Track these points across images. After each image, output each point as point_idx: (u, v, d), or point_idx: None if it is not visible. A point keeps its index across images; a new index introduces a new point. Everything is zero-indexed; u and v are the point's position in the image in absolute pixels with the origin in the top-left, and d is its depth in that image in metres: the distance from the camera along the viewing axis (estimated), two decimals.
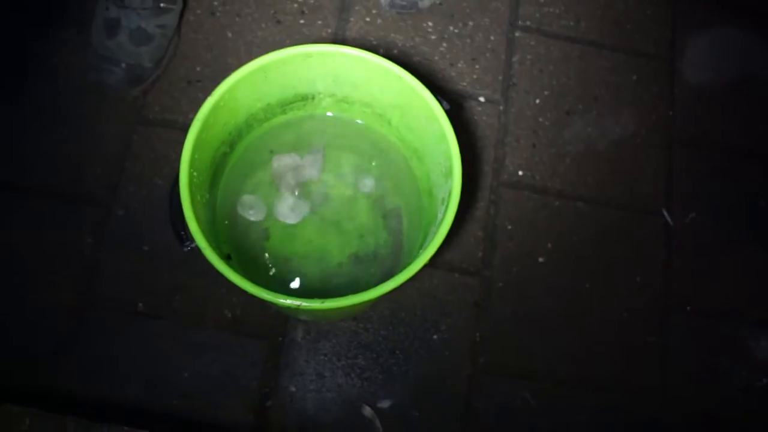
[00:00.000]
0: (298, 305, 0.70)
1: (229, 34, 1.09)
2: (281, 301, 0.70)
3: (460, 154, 0.76)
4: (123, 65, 1.00)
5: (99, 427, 0.73)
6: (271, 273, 0.90)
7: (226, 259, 0.79)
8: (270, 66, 0.80)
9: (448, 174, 0.78)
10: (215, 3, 1.10)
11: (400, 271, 0.73)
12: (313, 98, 0.90)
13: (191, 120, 0.75)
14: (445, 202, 0.77)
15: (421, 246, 0.81)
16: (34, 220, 0.98)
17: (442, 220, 0.75)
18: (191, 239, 0.74)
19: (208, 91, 0.76)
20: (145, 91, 1.04)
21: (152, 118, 1.04)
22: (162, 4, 1.00)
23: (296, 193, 0.93)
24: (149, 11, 0.99)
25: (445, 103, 0.80)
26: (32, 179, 1.00)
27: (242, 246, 0.90)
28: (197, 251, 0.73)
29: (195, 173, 0.77)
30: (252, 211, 0.91)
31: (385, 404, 0.96)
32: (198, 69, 1.07)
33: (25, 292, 0.96)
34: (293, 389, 0.96)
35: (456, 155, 0.76)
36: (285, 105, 0.89)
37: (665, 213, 1.08)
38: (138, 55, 1.00)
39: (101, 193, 1.00)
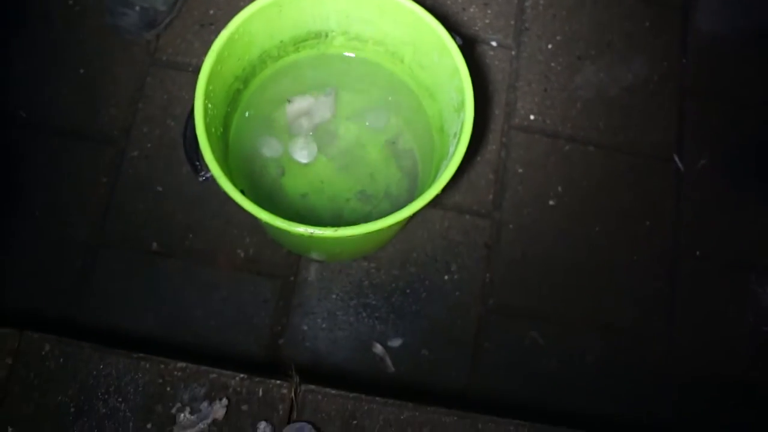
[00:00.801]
0: (311, 233, 0.71)
1: None
2: (295, 229, 0.71)
3: (472, 87, 0.77)
4: (137, 8, 1.00)
5: (115, 353, 0.75)
6: (285, 209, 0.91)
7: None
8: (284, 1, 0.80)
9: (460, 108, 0.78)
10: None
11: None
12: (326, 36, 0.90)
13: (204, 60, 0.75)
14: (458, 135, 0.77)
15: (434, 180, 0.82)
16: (53, 158, 1.00)
17: (455, 152, 0.75)
18: (206, 169, 0.75)
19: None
20: (158, 35, 1.05)
21: (165, 60, 1.05)
22: None
23: (309, 134, 0.94)
24: None
25: (457, 38, 0.80)
26: (51, 119, 1.02)
27: (257, 182, 0.91)
28: (212, 182, 0.74)
29: (209, 105, 0.77)
30: (268, 148, 0.92)
31: (395, 343, 0.98)
32: (211, 12, 1.07)
33: (45, 226, 0.98)
34: (305, 327, 0.97)
35: (468, 88, 0.77)
36: (298, 42, 0.89)
37: (676, 158, 1.08)
38: None
39: (116, 134, 1.01)
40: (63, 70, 1.03)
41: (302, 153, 0.93)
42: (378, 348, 0.97)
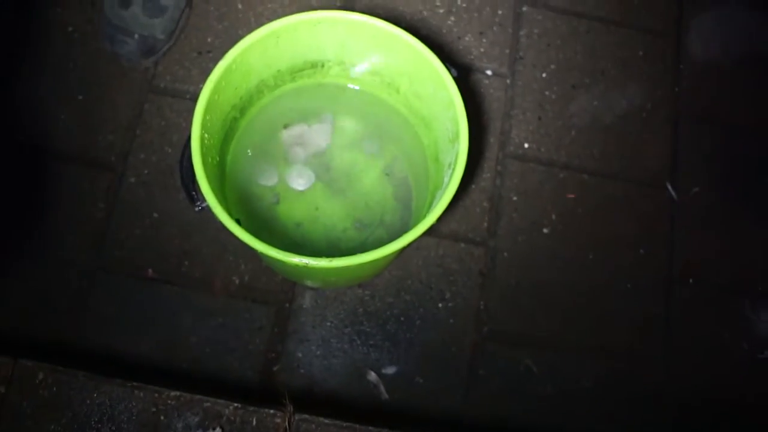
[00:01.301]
0: (306, 263, 0.71)
1: (240, 6, 1.10)
2: (290, 259, 0.71)
3: (467, 119, 0.77)
4: (136, 36, 1.01)
5: (109, 382, 0.75)
6: (280, 237, 0.92)
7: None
8: (281, 31, 0.81)
9: (455, 138, 0.79)
10: None
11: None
12: (322, 66, 0.91)
13: (202, 89, 0.76)
14: (452, 165, 0.78)
15: (429, 209, 0.83)
16: (51, 183, 1.00)
17: (449, 182, 0.76)
18: (202, 199, 0.75)
19: (218, 62, 0.77)
20: (156, 62, 1.06)
21: (163, 88, 1.05)
22: None
23: (305, 162, 0.94)
24: None
25: (453, 69, 0.81)
26: (50, 144, 1.02)
27: (253, 210, 0.92)
28: (208, 211, 0.74)
29: (206, 135, 0.78)
30: (263, 176, 0.93)
31: (390, 370, 0.98)
32: (209, 40, 1.08)
33: (42, 250, 0.98)
34: (300, 354, 0.97)
35: (463, 120, 0.78)
36: (295, 72, 0.90)
37: (669, 187, 1.09)
38: (151, 26, 1.01)
39: (113, 160, 1.02)
40: (62, 96, 1.04)
41: (299, 181, 0.94)
42: (372, 375, 0.97)
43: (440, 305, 1.00)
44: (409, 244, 0.74)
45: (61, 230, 0.99)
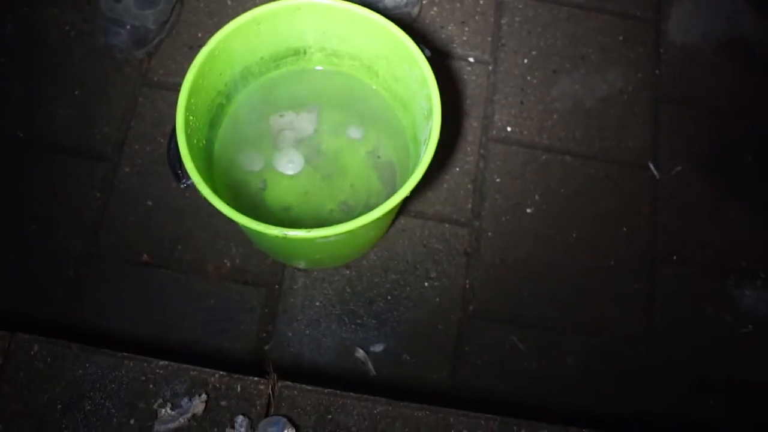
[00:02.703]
0: (285, 234, 0.74)
1: (229, 2, 1.14)
2: (270, 231, 0.74)
3: (439, 95, 0.80)
4: (128, 26, 1.06)
5: (100, 352, 0.78)
6: (269, 221, 0.95)
7: None
8: (262, 18, 0.85)
9: (429, 115, 0.82)
10: None
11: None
12: (304, 52, 0.94)
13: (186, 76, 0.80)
14: (426, 141, 0.81)
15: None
16: (49, 174, 1.05)
17: (423, 156, 0.79)
18: (187, 176, 0.79)
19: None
20: (149, 54, 1.10)
21: (156, 81, 1.10)
22: None
23: (292, 147, 0.98)
24: None
25: (426, 50, 0.84)
26: (48, 137, 1.06)
27: (241, 195, 0.95)
28: (193, 189, 0.78)
29: (191, 117, 0.82)
30: (250, 162, 0.96)
31: (377, 348, 1.00)
32: (200, 35, 1.12)
33: (40, 238, 1.02)
34: (290, 334, 1.00)
35: (435, 96, 0.81)
36: (278, 59, 0.94)
37: (651, 166, 1.11)
38: (143, 17, 1.05)
39: (109, 151, 1.06)
40: (59, 91, 1.08)
41: (288, 165, 0.97)
42: (360, 353, 1.00)
43: (426, 284, 1.03)
44: (389, 221, 0.77)
45: (58, 218, 1.03)
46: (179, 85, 1.08)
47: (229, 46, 0.85)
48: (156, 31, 1.08)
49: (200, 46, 1.05)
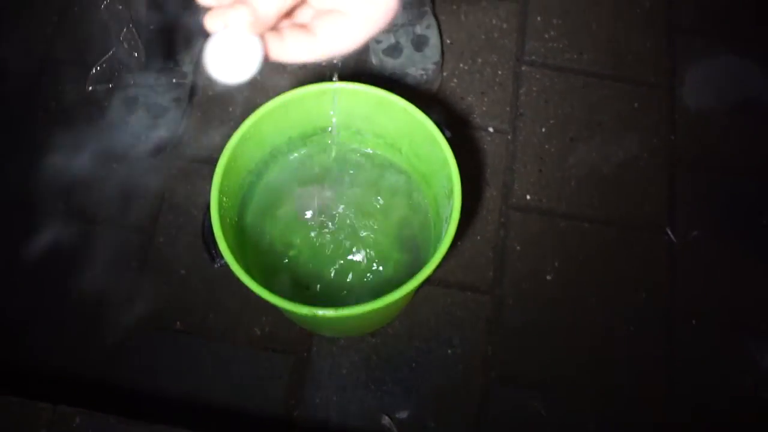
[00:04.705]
0: (315, 313, 0.78)
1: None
2: (300, 310, 0.78)
3: (459, 177, 0.84)
4: (142, 137, 1.12)
5: (137, 424, 0.82)
6: (297, 292, 0.99)
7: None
8: (290, 103, 0.90)
9: (450, 194, 0.86)
10: None
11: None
12: (330, 131, 0.99)
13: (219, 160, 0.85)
14: (448, 219, 0.85)
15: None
16: (88, 245, 1.09)
17: (445, 235, 0.82)
18: (221, 257, 0.83)
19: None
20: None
21: (187, 158, 1.15)
22: (174, 80, 1.12)
23: (319, 219, 1.02)
24: (164, 87, 1.12)
25: (446, 131, 0.88)
26: (87, 210, 1.12)
27: (271, 265, 0.99)
28: (227, 268, 0.82)
29: (224, 198, 0.86)
30: (279, 233, 1.00)
31: (403, 415, 1.03)
32: (230, 110, 1.18)
33: (80, 306, 1.06)
34: (317, 400, 1.03)
35: (456, 177, 0.84)
36: (305, 138, 0.99)
37: (668, 231, 1.14)
38: (155, 126, 1.11)
39: (144, 223, 1.11)
40: (102, 173, 1.13)
41: (315, 237, 1.01)
42: (386, 420, 1.02)
43: (449, 351, 1.06)
44: (412, 294, 0.80)
45: (98, 287, 1.07)
46: (210, 158, 1.14)
47: (260, 130, 0.90)
48: (169, 138, 1.14)
49: (231, 121, 1.11)
